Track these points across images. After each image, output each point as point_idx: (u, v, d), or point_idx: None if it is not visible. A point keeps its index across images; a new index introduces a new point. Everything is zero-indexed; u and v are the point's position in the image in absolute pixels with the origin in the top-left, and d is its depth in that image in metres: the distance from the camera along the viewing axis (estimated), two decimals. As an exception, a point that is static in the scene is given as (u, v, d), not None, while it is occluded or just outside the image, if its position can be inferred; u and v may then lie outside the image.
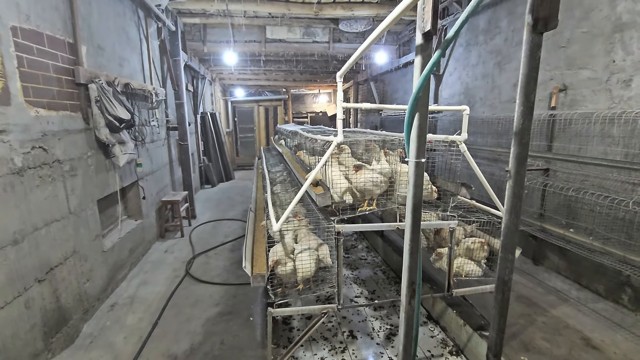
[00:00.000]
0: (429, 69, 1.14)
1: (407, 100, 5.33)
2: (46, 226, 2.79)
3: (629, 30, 3.38)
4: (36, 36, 2.76)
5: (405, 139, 1.31)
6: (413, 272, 1.40)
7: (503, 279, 1.45)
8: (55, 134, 2.95)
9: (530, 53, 1.28)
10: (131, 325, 3.33)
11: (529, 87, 1.30)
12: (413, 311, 1.44)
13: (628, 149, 3.33)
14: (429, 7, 1.14)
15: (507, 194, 1.37)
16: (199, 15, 6.70)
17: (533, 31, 1.24)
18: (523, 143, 1.31)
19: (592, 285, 3.84)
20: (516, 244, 1.46)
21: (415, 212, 1.36)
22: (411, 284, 1.42)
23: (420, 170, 1.31)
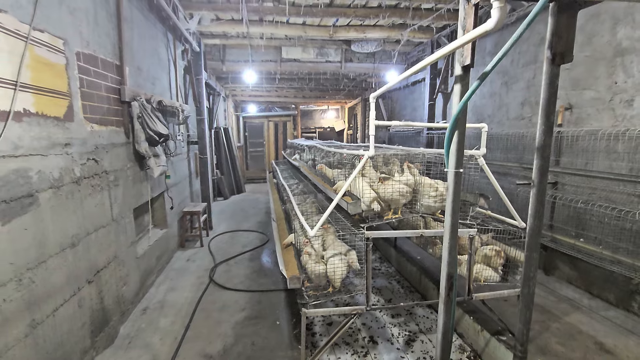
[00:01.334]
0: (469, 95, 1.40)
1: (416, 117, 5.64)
2: (95, 231, 3.03)
3: (629, 55, 3.66)
4: (93, 60, 3.07)
5: (445, 152, 1.55)
6: (451, 267, 1.61)
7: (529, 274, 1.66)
8: (104, 147, 3.23)
9: (550, 82, 1.53)
10: (165, 327, 3.51)
11: (549, 110, 1.55)
12: (451, 302, 1.65)
13: (632, 164, 3.56)
14: (468, 46, 1.41)
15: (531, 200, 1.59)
16: (219, 37, 7.10)
17: (552, 64, 1.50)
18: (544, 156, 1.55)
19: (602, 294, 3.99)
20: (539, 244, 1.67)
21: (454, 214, 1.58)
22: (450, 277, 1.63)
23: (458, 179, 1.54)
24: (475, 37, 1.27)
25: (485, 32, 1.18)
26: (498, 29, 1.17)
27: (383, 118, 10.62)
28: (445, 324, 1.69)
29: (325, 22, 6.45)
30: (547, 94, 1.54)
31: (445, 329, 1.70)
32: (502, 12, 1.10)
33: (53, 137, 2.48)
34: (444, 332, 1.71)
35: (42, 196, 2.35)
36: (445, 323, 1.69)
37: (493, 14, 1.13)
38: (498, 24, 1.12)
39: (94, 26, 3.10)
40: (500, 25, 1.13)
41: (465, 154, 2.91)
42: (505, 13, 1.10)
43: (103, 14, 3.29)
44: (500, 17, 1.11)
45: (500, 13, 1.11)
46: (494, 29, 1.17)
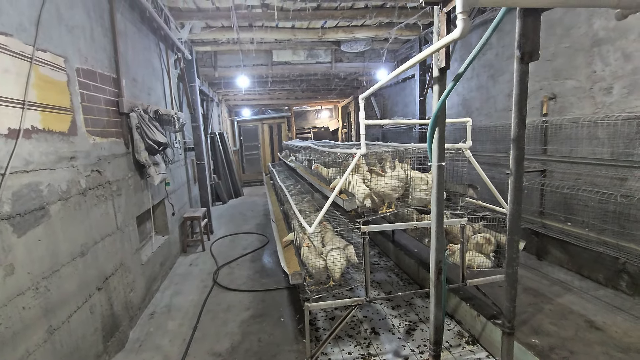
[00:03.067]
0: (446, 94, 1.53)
1: (407, 113, 5.81)
2: (102, 240, 3.14)
3: (605, 45, 3.83)
4: (92, 74, 3.18)
5: (427, 147, 1.69)
6: (440, 253, 1.75)
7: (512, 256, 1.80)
8: (106, 158, 3.34)
9: (520, 78, 1.67)
10: (173, 330, 3.63)
11: (521, 104, 1.69)
12: (441, 285, 1.78)
13: (613, 149, 3.73)
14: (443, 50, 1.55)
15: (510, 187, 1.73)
16: (211, 44, 7.21)
17: (521, 62, 1.64)
18: (519, 147, 1.69)
19: (592, 275, 4.17)
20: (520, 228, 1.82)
21: (439, 204, 1.72)
22: (438, 262, 1.77)
23: (441, 171, 1.68)
24: (445, 45, 1.41)
25: (452, 40, 1.32)
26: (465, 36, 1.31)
27: (376, 115, 10.77)
28: (437, 305, 1.83)
29: (314, 24, 6.58)
30: (518, 89, 1.68)
31: (437, 311, 1.84)
32: (465, 23, 1.24)
33: (59, 151, 2.59)
34: (435, 313, 1.85)
35: (53, 208, 2.46)
36: (436, 305, 1.83)
37: (458, 24, 1.27)
38: (463, 32, 1.26)
39: (90, 42, 3.21)
40: (465, 33, 1.27)
41: (453, 147, 3.06)
42: (469, 23, 1.24)
43: (99, 29, 3.40)
44: (465, 27, 1.24)
45: (464, 24, 1.24)
46: (460, 37, 1.31)
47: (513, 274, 1.79)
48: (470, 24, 1.29)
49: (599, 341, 3.06)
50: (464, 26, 1.25)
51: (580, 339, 3.12)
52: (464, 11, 1.21)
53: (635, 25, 3.51)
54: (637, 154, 3.51)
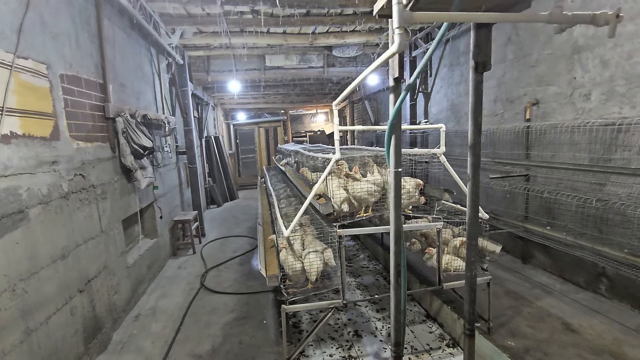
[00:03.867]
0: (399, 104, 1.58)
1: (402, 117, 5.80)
2: (85, 243, 3.19)
3: (585, 52, 3.89)
4: (76, 80, 3.25)
5: (386, 154, 1.74)
6: (398, 256, 1.80)
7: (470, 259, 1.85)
8: (91, 163, 3.40)
9: (475, 88, 1.73)
10: (156, 332, 3.67)
11: (476, 112, 1.74)
12: (400, 287, 1.83)
13: (592, 154, 3.78)
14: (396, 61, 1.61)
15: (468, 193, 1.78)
16: (203, 49, 7.30)
17: (475, 71, 1.70)
18: (475, 154, 1.74)
19: (573, 278, 4.21)
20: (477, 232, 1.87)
21: (397, 209, 1.77)
22: (397, 265, 1.81)
23: (398, 177, 1.73)
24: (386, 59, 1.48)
25: (392, 54, 1.38)
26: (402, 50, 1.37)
27: (370, 119, 10.85)
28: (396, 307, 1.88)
29: (305, 30, 6.68)
30: (473, 98, 1.73)
31: (397, 311, 1.89)
32: (401, 38, 1.30)
33: (40, 156, 2.65)
34: (395, 315, 1.90)
35: (32, 212, 2.52)
36: (395, 307, 1.88)
37: (395, 39, 1.32)
38: (400, 47, 1.32)
39: (76, 48, 3.28)
40: (402, 48, 1.33)
41: (429, 152, 3.11)
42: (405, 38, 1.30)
43: (85, 35, 3.47)
44: (401, 42, 1.30)
45: (400, 38, 1.30)
46: (397, 52, 1.37)
47: (472, 277, 1.84)
48: (406, 38, 1.35)
49: (573, 343, 3.10)
50: (399, 41, 1.31)
51: (555, 341, 3.16)
52: (399, 26, 1.27)
53: (611, 33, 3.58)
54: (614, 159, 3.57)
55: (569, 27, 1.37)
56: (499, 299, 4.02)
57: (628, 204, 3.27)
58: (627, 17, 3.42)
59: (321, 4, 5.18)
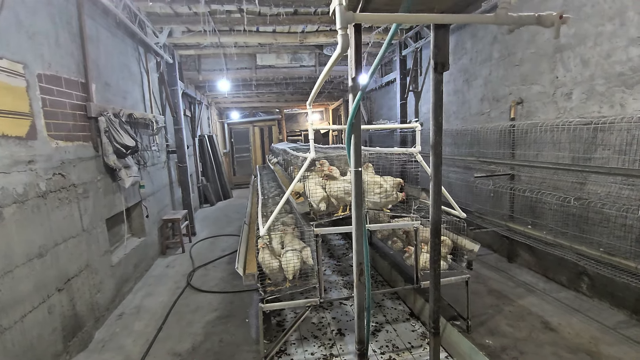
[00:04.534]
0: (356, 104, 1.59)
1: (391, 116, 5.90)
2: (64, 242, 3.20)
3: (567, 51, 3.91)
4: (56, 80, 3.25)
5: (347, 153, 1.76)
6: (360, 255, 1.81)
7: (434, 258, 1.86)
8: (71, 162, 3.41)
9: (435, 88, 1.74)
10: (138, 330, 3.68)
11: (437, 112, 1.75)
12: (363, 286, 1.84)
13: (573, 153, 3.80)
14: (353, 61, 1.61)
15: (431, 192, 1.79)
16: (194, 48, 7.29)
17: (435, 71, 1.71)
18: (437, 153, 1.75)
19: (556, 277, 4.23)
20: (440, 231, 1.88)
21: (358, 208, 1.78)
22: (359, 264, 1.83)
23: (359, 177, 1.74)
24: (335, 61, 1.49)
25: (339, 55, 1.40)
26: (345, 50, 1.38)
27: (363, 118, 10.86)
28: (359, 305, 1.89)
29: (295, 29, 6.67)
30: (434, 98, 1.74)
31: (359, 310, 1.90)
32: (344, 39, 1.31)
33: (15, 155, 2.65)
34: (358, 313, 1.91)
35: (6, 211, 2.52)
36: (359, 305, 1.89)
37: (338, 40, 1.34)
38: (343, 47, 1.33)
39: (55, 48, 3.28)
40: (345, 48, 1.34)
41: (406, 151, 3.12)
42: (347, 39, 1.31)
43: (65, 35, 3.47)
44: (344, 42, 1.31)
45: (343, 39, 1.31)
46: (341, 52, 1.38)
47: (435, 276, 1.85)
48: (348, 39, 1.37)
49: (550, 342, 3.12)
50: (342, 41, 1.32)
51: (533, 339, 3.18)
52: (342, 27, 1.28)
53: (591, 32, 3.59)
54: (594, 158, 3.58)
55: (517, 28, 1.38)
56: (481, 298, 4.04)
57: (605, 203, 3.29)
58: (606, 17, 3.44)
59: (307, 3, 5.18)
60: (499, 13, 1.31)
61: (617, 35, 3.35)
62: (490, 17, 1.34)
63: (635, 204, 3.14)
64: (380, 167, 3.36)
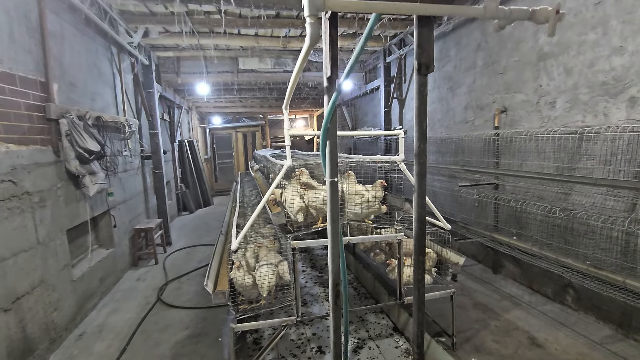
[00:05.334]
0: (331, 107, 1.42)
1: (376, 123, 5.74)
2: (14, 256, 2.88)
3: (550, 59, 3.87)
4: (8, 77, 2.96)
5: (322, 161, 1.58)
6: (336, 275, 1.62)
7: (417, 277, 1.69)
8: (25, 167, 3.10)
9: (419, 91, 1.58)
10: (99, 352, 3.36)
11: (421, 117, 1.60)
12: (340, 309, 1.65)
13: (557, 163, 3.73)
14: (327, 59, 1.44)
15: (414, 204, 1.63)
16: (172, 49, 7.03)
17: (419, 73, 1.56)
18: (421, 162, 1.60)
19: (542, 289, 4.14)
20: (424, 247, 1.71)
21: (334, 222, 1.60)
22: (335, 285, 1.64)
23: (334, 187, 1.56)
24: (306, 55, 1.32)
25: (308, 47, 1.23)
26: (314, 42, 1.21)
27: (347, 125, 10.75)
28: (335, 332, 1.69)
29: (277, 32, 6.51)
30: (418, 102, 1.59)
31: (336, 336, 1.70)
32: (313, 28, 1.14)
33: (-48, 160, 2.35)
34: (335, 340, 1.71)
35: (-62, 223, 2.22)
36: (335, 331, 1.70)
37: (307, 29, 1.17)
38: (313, 38, 1.17)
39: (9, 43, 3.00)
40: (314, 39, 1.18)
41: (389, 159, 2.97)
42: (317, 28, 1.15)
43: (22, 30, 3.19)
44: (313, 32, 1.15)
45: (312, 28, 1.15)
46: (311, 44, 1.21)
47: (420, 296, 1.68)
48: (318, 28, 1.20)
49: (537, 359, 2.99)
50: (311, 31, 1.15)
51: (520, 356, 3.04)
52: (311, 15, 1.11)
53: (574, 40, 3.56)
54: (578, 168, 3.52)
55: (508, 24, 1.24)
56: (466, 312, 3.90)
57: (590, 215, 3.21)
58: (588, 26, 3.40)
59: (289, 6, 5.03)
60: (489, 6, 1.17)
61: (600, 44, 3.31)
62: (479, 10, 1.20)
63: (621, 215, 3.08)
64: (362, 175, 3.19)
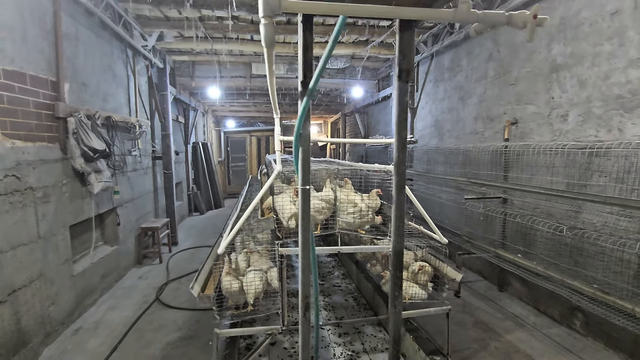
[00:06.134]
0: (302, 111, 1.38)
1: (388, 131, 5.67)
2: (12, 249, 2.95)
3: (563, 71, 3.71)
4: (19, 76, 3.07)
5: (295, 168, 1.54)
6: (306, 287, 1.56)
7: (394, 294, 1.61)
8: (30, 163, 3.19)
9: (399, 98, 1.52)
10: (91, 349, 3.39)
11: (400, 126, 1.53)
12: (308, 322, 1.59)
13: (568, 179, 3.55)
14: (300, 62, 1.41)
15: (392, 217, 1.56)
16: (188, 54, 7.19)
17: (399, 80, 1.50)
18: (400, 173, 1.53)
19: (548, 310, 3.92)
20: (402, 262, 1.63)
21: (305, 231, 1.55)
22: (305, 297, 1.58)
23: (306, 196, 1.51)
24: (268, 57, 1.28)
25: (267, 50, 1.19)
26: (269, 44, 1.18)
27: (360, 132, 10.69)
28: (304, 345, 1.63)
29: (289, 39, 6.56)
30: (397, 109, 1.52)
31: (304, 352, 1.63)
32: (267, 29, 1.11)
33: (-44, 153, 2.45)
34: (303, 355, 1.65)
35: (-61, 214, 2.30)
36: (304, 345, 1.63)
37: (261, 30, 1.14)
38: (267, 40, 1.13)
39: (21, 44, 3.12)
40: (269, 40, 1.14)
41: (384, 168, 2.89)
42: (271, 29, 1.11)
43: (35, 31, 3.32)
44: (267, 33, 1.11)
45: (266, 29, 1.11)
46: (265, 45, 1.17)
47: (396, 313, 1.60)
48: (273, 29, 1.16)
49: (536, 387, 2.81)
50: (265, 34, 1.12)
51: (518, 383, 2.87)
52: (265, 16, 1.08)
53: (589, 52, 3.40)
54: (589, 185, 3.34)
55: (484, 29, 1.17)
56: (466, 330, 3.74)
57: (600, 235, 3.02)
58: (604, 36, 3.25)
59: (299, 12, 5.05)
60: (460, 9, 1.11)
61: (615, 55, 3.15)
62: (449, 13, 1.14)
63: (634, 237, 2.88)
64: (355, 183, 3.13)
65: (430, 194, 6.12)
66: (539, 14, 1.04)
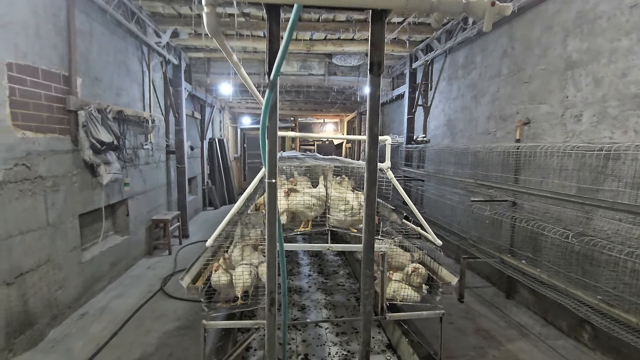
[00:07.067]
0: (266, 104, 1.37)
1: (402, 130, 5.54)
2: (21, 234, 3.11)
3: (578, 68, 3.51)
4: (31, 70, 3.23)
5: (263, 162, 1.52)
6: (272, 282, 1.55)
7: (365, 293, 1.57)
8: (41, 154, 3.35)
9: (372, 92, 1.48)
10: (93, 333, 3.53)
11: (372, 120, 1.49)
12: (274, 318, 1.57)
13: (580, 184, 3.35)
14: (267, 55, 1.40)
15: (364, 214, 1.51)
16: (203, 50, 7.33)
17: (371, 73, 1.45)
18: (371, 169, 1.48)
19: (556, 321, 3.73)
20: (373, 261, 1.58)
21: (271, 226, 1.53)
22: (271, 292, 1.56)
23: (273, 189, 1.50)
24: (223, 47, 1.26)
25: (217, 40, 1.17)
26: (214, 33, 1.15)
27: (375, 131, 10.56)
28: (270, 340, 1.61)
29: (302, 35, 6.55)
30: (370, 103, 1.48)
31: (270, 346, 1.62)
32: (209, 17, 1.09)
33: (-32, 142, 2.60)
34: (269, 349, 1.63)
35: (-51, 198, 2.45)
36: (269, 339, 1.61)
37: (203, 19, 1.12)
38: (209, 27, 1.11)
39: (34, 39, 3.27)
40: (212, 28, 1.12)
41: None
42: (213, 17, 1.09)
43: (49, 27, 3.47)
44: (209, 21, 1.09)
45: (208, 18, 1.09)
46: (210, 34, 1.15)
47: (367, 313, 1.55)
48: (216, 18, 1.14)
49: (532, 400, 2.68)
50: (207, 22, 1.10)
51: (513, 394, 2.75)
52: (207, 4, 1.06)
53: (606, 47, 3.20)
54: (602, 190, 3.14)
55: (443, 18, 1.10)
56: (465, 336, 3.62)
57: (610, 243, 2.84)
58: (622, 31, 3.04)
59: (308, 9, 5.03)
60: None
61: (634, 52, 2.94)
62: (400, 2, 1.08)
63: (647, 247, 2.69)
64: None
65: (440, 196, 5.96)
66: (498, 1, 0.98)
